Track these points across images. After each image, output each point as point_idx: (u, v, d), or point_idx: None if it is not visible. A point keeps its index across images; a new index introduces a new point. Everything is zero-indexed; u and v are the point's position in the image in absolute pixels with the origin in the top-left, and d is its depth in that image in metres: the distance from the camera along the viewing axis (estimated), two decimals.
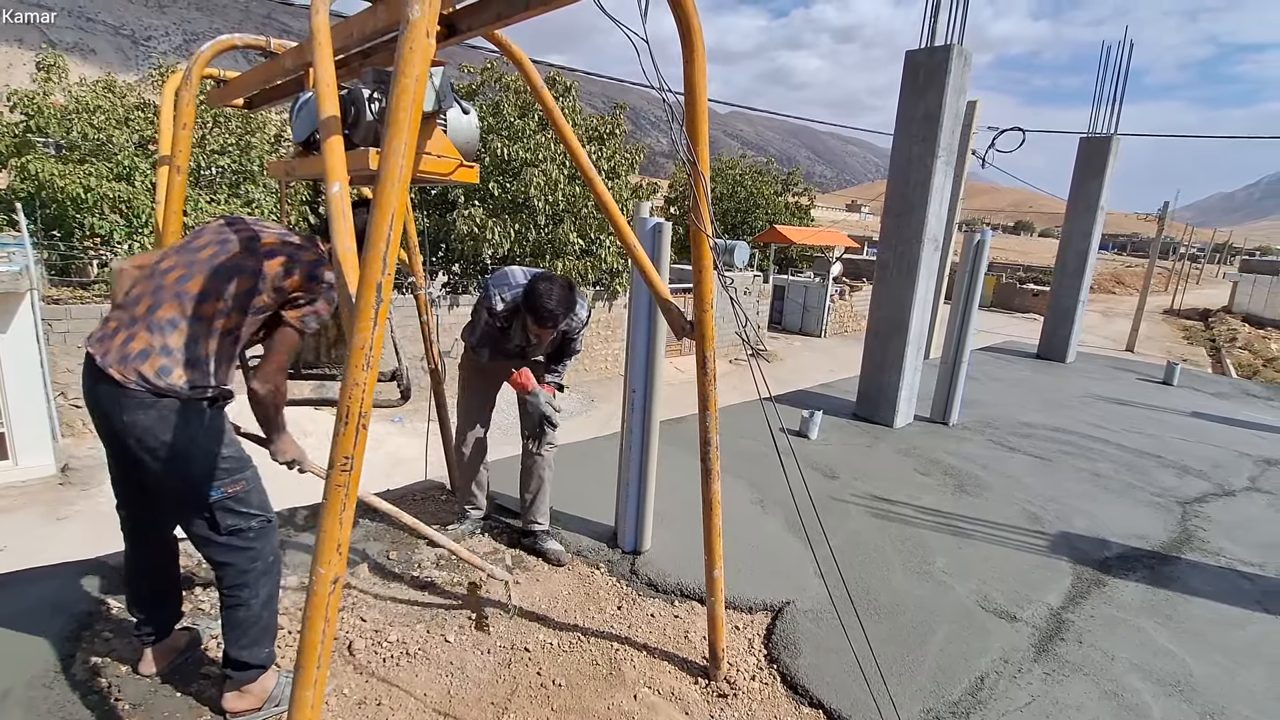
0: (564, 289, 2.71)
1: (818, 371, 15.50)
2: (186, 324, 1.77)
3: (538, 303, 2.66)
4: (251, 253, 1.85)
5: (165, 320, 1.77)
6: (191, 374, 1.77)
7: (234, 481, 1.86)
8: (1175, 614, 3.06)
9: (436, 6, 1.29)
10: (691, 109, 1.72)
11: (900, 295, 5.31)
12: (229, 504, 1.86)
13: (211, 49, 2.48)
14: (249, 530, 1.90)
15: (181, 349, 1.76)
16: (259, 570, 1.94)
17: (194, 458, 1.80)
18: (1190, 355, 23.20)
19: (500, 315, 2.85)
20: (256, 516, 1.92)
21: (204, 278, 1.81)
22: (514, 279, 2.86)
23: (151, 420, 1.74)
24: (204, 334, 1.79)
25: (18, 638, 2.30)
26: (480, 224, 12.90)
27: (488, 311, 2.86)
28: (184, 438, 1.77)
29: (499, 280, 2.88)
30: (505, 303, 2.81)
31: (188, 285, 1.80)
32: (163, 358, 1.74)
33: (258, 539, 1.93)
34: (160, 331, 1.76)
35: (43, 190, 10.10)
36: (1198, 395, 7.82)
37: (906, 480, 4.43)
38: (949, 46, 4.89)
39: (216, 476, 1.83)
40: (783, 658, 2.53)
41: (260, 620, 1.97)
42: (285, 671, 2.12)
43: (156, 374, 1.73)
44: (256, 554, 1.93)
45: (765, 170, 27.56)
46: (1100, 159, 8.28)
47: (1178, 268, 45.33)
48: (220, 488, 1.84)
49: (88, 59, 60.49)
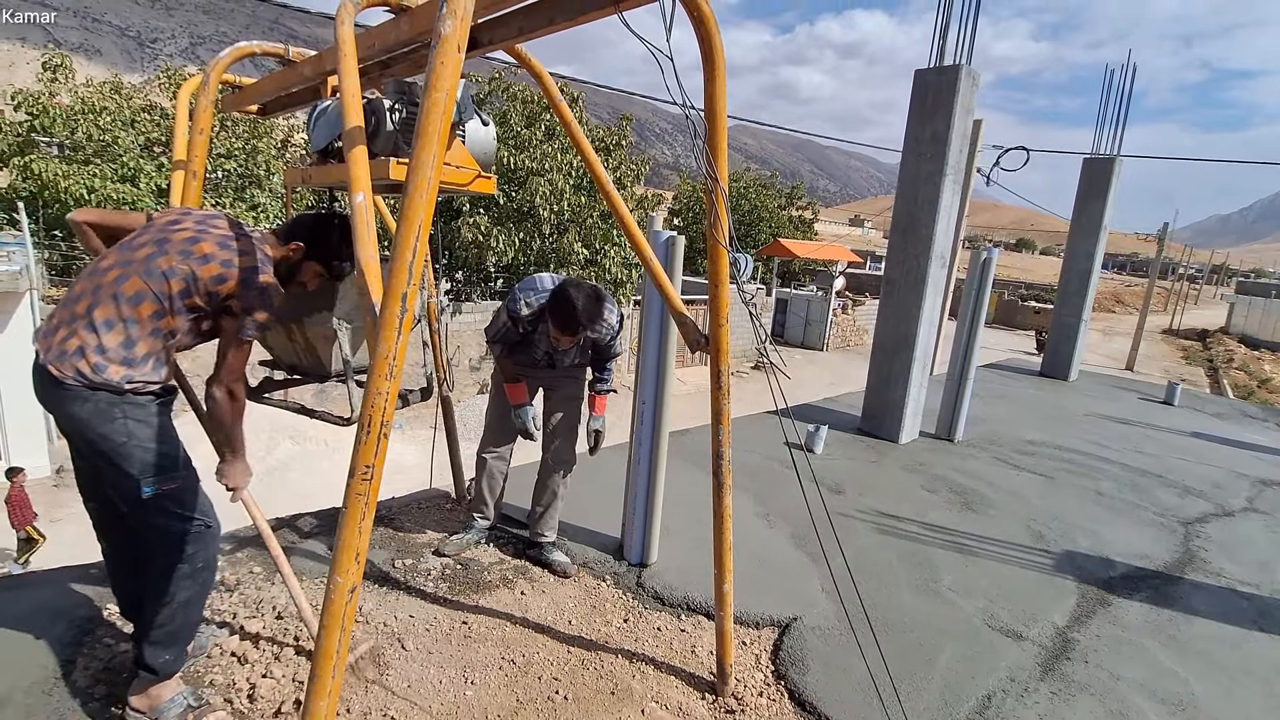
0: (590, 297, 2.62)
1: (819, 385, 15.51)
2: (122, 325, 1.79)
3: (560, 307, 2.60)
4: (186, 256, 1.84)
5: (101, 321, 1.78)
6: (127, 370, 1.79)
7: (168, 479, 1.85)
8: (1179, 634, 3.05)
9: (468, 22, 1.30)
10: (712, 125, 1.73)
11: (907, 311, 5.33)
12: (163, 502, 1.85)
13: (230, 55, 2.50)
14: (185, 533, 1.89)
15: (117, 348, 1.78)
16: (184, 573, 1.91)
17: (129, 452, 1.80)
18: (1189, 375, 23.25)
19: (525, 320, 2.77)
20: (194, 520, 1.91)
21: (138, 279, 1.81)
22: (541, 284, 2.78)
23: (88, 413, 1.76)
24: (140, 335, 1.81)
25: (17, 643, 2.28)
26: (485, 232, 12.95)
27: (510, 316, 2.78)
28: (120, 431, 1.78)
29: (526, 285, 2.80)
30: (530, 308, 2.74)
31: (123, 287, 1.81)
32: (97, 356, 1.76)
33: (193, 542, 1.91)
34: (95, 331, 1.77)
35: (45, 190, 10.12)
36: (1198, 415, 7.83)
37: (912, 496, 4.43)
38: (958, 66, 4.94)
39: (149, 472, 1.82)
40: (791, 674, 2.51)
41: (172, 623, 1.93)
42: (187, 692, 2.05)
43: (92, 370, 1.75)
44: (186, 556, 1.90)
45: (769, 184, 27.70)
46: (1103, 180, 8.33)
47: (1176, 288, 45.52)
48: (154, 484, 1.83)
49: (93, 59, 60.72)
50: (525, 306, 2.74)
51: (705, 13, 1.56)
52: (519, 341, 2.90)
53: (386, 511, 3.49)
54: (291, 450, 9.14)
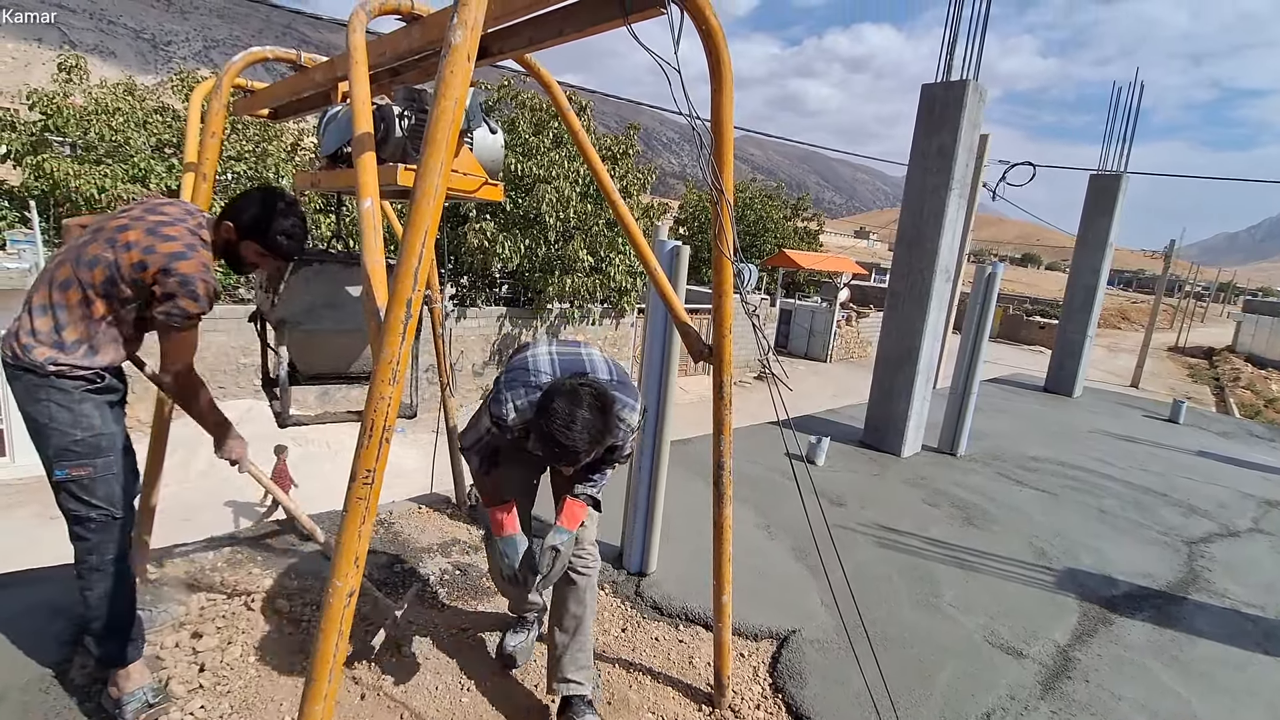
0: (594, 410, 1.78)
1: (822, 396, 15.47)
2: (52, 310, 1.85)
3: (550, 430, 1.76)
4: (111, 244, 1.86)
5: (36, 305, 1.86)
6: (54, 353, 1.83)
7: (79, 465, 1.87)
8: (1181, 655, 3.02)
9: (479, 32, 1.31)
10: (719, 137, 1.74)
11: (911, 324, 5.32)
12: (71, 487, 1.87)
13: (243, 60, 2.52)
14: (89, 520, 1.90)
15: (48, 331, 1.84)
16: (93, 564, 1.93)
17: (47, 434, 1.85)
18: (1194, 393, 23.14)
19: (511, 428, 1.95)
20: (98, 509, 1.90)
21: (69, 266, 1.86)
22: (535, 375, 1.96)
23: (19, 391, 1.85)
24: (69, 320, 1.85)
25: (15, 640, 2.28)
26: (491, 238, 13.01)
27: (494, 420, 1.96)
28: (43, 413, 1.84)
29: (515, 376, 1.98)
30: (518, 411, 1.92)
31: (57, 273, 1.87)
32: (27, 338, 1.83)
33: (95, 532, 1.92)
34: (31, 314, 1.85)
35: (56, 189, 10.19)
36: (1203, 434, 7.78)
37: (914, 510, 4.41)
38: (965, 81, 4.95)
39: (63, 457, 1.86)
40: (788, 687, 2.50)
41: (102, 617, 1.96)
42: (149, 688, 2.05)
43: (20, 350, 1.83)
44: (92, 547, 1.92)
45: (775, 195, 27.77)
46: (1110, 196, 8.33)
47: (1183, 305, 45.38)
48: (64, 468, 1.86)
49: (107, 60, 61.34)
50: (511, 409, 1.92)
51: (713, 25, 1.57)
52: (509, 444, 2.08)
53: (387, 515, 3.49)
54: (294, 452, 9.21)
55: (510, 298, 15.08)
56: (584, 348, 2.15)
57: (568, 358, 2.05)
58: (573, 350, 2.10)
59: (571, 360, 2.04)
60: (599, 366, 2.06)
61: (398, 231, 3.08)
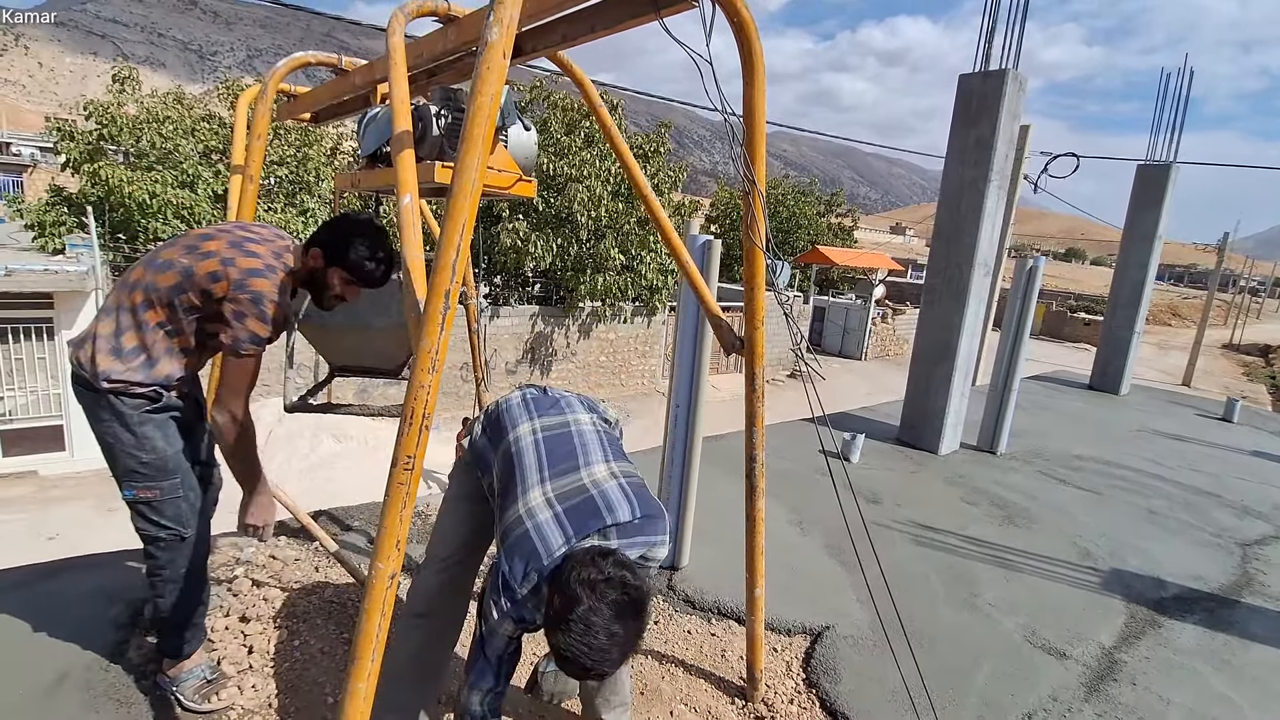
0: (625, 616, 1.38)
1: (857, 394, 15.26)
2: (117, 312, 1.81)
3: (571, 651, 1.37)
4: (189, 250, 1.83)
5: (105, 308, 1.84)
6: (111, 363, 1.78)
7: (146, 487, 1.86)
8: (1234, 659, 2.92)
9: (514, 30, 1.34)
10: (751, 129, 1.74)
11: (948, 320, 5.23)
12: (140, 508, 1.89)
13: (286, 65, 2.61)
14: (159, 539, 1.92)
15: (108, 335, 1.80)
16: (166, 578, 1.97)
17: (114, 454, 1.85)
18: (1250, 392, 22.17)
19: (535, 625, 1.56)
20: (167, 529, 1.92)
21: (142, 268, 1.84)
22: (542, 557, 1.50)
23: (84, 406, 1.84)
24: (131, 324, 1.81)
25: (77, 622, 2.39)
26: (524, 238, 13.14)
27: (517, 624, 1.56)
28: (108, 433, 1.83)
29: (516, 546, 1.53)
30: (536, 595, 1.52)
31: (130, 275, 1.85)
32: (90, 343, 1.79)
33: (165, 551, 1.94)
34: (100, 317, 1.83)
35: (111, 195, 10.62)
36: (1259, 434, 7.47)
37: (952, 509, 4.33)
38: (1004, 71, 4.84)
39: (130, 478, 1.86)
40: (822, 683, 2.49)
41: (168, 619, 2.02)
42: (206, 666, 2.14)
43: (87, 359, 1.79)
44: (163, 563, 1.95)
45: (808, 190, 27.45)
46: (1158, 188, 8.05)
47: (1237, 301, 43.54)
48: (132, 489, 1.86)
49: (157, 71, 63.69)
50: (530, 601, 1.52)
51: (745, 18, 1.58)
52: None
53: (424, 508, 3.56)
54: (334, 448, 9.41)
55: (543, 296, 15.22)
56: (580, 452, 1.69)
57: (571, 503, 1.57)
58: (570, 473, 1.64)
59: (578, 505, 1.57)
60: (612, 498, 1.58)
61: (434, 230, 3.16)
